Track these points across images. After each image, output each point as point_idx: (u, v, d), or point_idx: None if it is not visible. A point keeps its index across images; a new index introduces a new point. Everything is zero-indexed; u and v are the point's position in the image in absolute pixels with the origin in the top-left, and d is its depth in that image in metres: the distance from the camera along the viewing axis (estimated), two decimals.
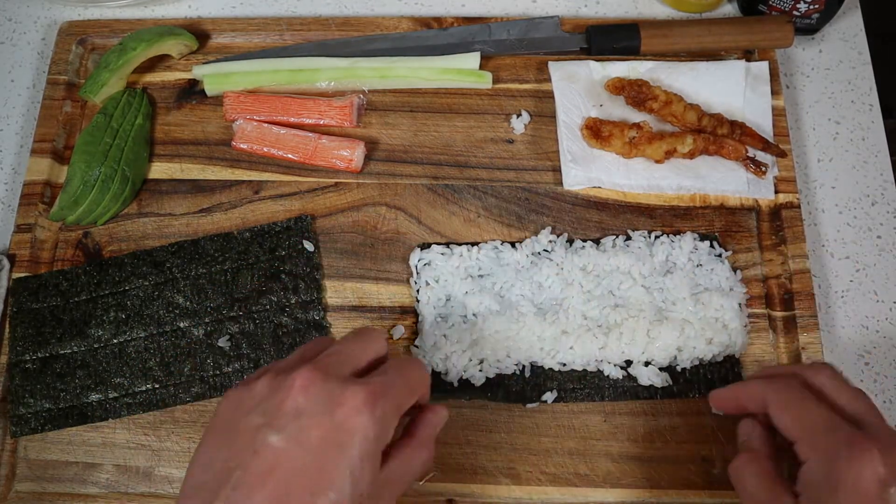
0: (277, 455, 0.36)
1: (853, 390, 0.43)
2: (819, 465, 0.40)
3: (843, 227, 0.60)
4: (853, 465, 0.38)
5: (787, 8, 0.63)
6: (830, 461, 0.39)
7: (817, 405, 0.42)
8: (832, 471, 0.39)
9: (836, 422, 0.41)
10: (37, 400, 0.54)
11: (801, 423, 0.42)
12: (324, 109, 0.62)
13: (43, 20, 0.70)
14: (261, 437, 0.37)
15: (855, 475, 0.38)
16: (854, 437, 0.39)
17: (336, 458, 0.36)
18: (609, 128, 0.59)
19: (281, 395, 0.38)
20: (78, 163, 0.59)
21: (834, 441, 0.40)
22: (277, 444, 0.36)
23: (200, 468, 0.38)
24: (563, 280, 0.55)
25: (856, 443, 0.39)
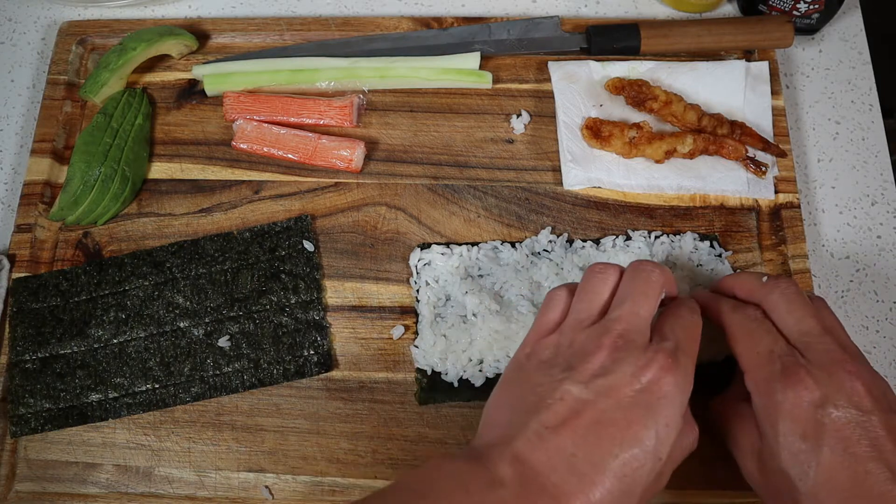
0: (584, 404, 0.39)
1: (801, 309, 0.43)
2: (760, 399, 0.42)
3: (843, 227, 0.60)
4: (787, 394, 0.40)
5: (787, 8, 0.63)
6: (769, 394, 0.41)
7: (766, 336, 0.43)
8: (772, 402, 0.40)
9: (776, 352, 0.42)
10: (37, 400, 0.54)
11: (748, 354, 0.43)
12: (324, 109, 0.62)
13: (43, 20, 0.70)
14: (565, 387, 0.39)
15: (790, 404, 0.39)
16: (788, 368, 0.40)
17: (644, 417, 0.38)
18: (609, 128, 0.59)
19: (584, 356, 0.41)
20: (78, 163, 0.59)
21: (771, 372, 0.41)
22: (583, 395, 0.39)
23: (501, 409, 0.42)
24: (562, 280, 0.55)
25: (789, 372, 0.40)
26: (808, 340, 0.42)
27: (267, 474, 0.52)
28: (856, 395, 0.39)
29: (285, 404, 0.54)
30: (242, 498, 0.52)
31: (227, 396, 0.54)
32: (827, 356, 0.41)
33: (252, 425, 0.53)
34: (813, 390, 0.39)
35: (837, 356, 0.41)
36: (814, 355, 0.41)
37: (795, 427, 0.39)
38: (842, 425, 0.38)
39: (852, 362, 0.40)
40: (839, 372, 0.40)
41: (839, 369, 0.40)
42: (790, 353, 0.41)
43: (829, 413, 0.39)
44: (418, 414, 0.53)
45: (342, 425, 0.53)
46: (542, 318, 0.45)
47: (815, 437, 0.39)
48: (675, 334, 0.42)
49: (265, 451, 0.53)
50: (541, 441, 0.38)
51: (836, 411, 0.39)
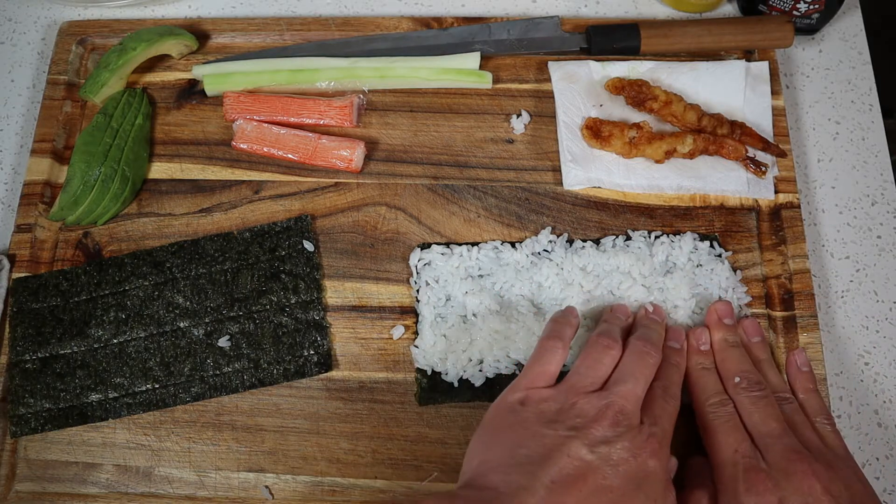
0: (589, 466, 0.41)
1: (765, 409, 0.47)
2: (724, 497, 0.44)
3: (843, 227, 0.60)
4: (749, 498, 0.42)
5: (787, 8, 0.63)
6: (733, 495, 0.43)
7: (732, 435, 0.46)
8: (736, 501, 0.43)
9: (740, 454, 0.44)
10: (37, 400, 0.54)
11: (713, 453, 0.46)
12: (324, 109, 0.62)
13: (43, 20, 0.70)
14: (572, 446, 0.42)
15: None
16: (748, 472, 0.43)
17: (636, 490, 0.42)
18: (609, 128, 0.59)
19: (588, 421, 0.43)
20: (78, 163, 0.59)
21: (733, 474, 0.44)
22: (588, 457, 0.42)
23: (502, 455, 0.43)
24: (563, 280, 0.55)
25: (748, 477, 0.43)
26: (769, 441, 0.45)
27: (267, 474, 0.52)
28: (812, 494, 0.41)
29: (285, 404, 0.54)
30: (242, 498, 0.52)
31: (227, 396, 0.54)
32: (784, 456, 0.43)
33: (252, 425, 0.53)
34: (770, 493, 0.42)
35: (795, 456, 0.43)
36: (772, 456, 0.44)
37: None
38: None
39: (808, 461, 0.43)
40: (796, 472, 0.42)
41: (797, 470, 0.42)
42: (752, 454, 0.44)
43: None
44: (418, 414, 0.53)
45: (342, 425, 0.53)
46: (536, 368, 0.47)
47: None
48: (661, 421, 0.45)
49: (265, 451, 0.53)
50: (549, 496, 0.40)
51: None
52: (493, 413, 0.47)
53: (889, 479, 0.53)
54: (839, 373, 0.56)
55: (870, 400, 0.55)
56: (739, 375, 0.49)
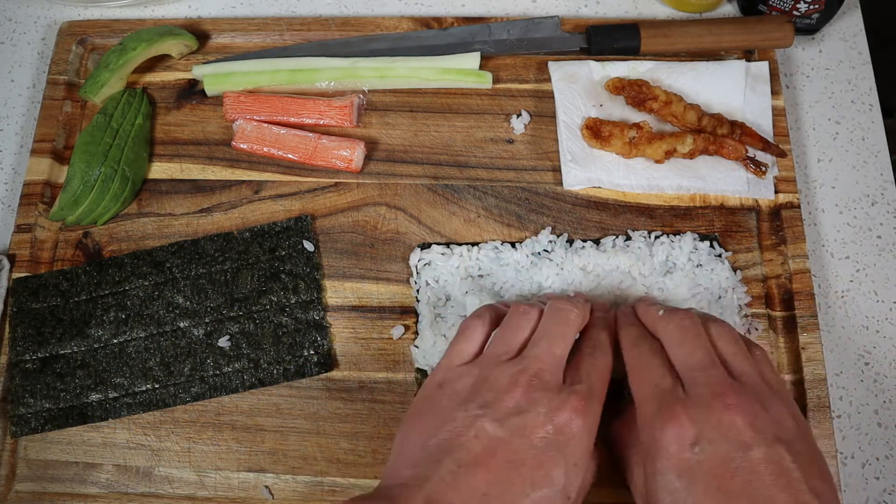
0: (498, 443, 0.39)
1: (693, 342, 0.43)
2: (643, 434, 0.42)
3: (843, 227, 0.60)
4: (665, 432, 0.39)
5: (787, 8, 0.63)
6: (650, 430, 0.41)
7: (653, 371, 0.43)
8: (651, 439, 0.40)
9: (660, 389, 0.41)
10: (37, 400, 0.54)
11: (636, 391, 0.43)
12: (324, 109, 0.62)
13: (43, 20, 0.70)
14: (480, 425, 0.40)
15: (666, 441, 0.39)
16: (666, 405, 0.40)
17: (555, 458, 0.39)
18: (609, 128, 0.59)
19: (499, 394, 0.41)
20: (78, 163, 0.59)
21: (652, 409, 0.41)
22: (498, 433, 0.40)
23: (415, 447, 0.41)
24: (563, 280, 0.55)
25: (665, 409, 0.40)
26: (694, 374, 0.41)
27: (267, 474, 0.52)
28: (732, 429, 0.38)
29: (285, 404, 0.54)
30: (242, 498, 0.52)
31: (227, 396, 0.54)
32: (708, 390, 0.40)
33: (252, 425, 0.53)
34: (687, 427, 0.39)
35: (719, 389, 0.40)
36: (696, 389, 0.40)
37: (671, 465, 0.38)
38: (715, 462, 0.37)
39: (733, 394, 0.39)
40: (718, 406, 0.39)
41: (718, 403, 0.39)
42: (672, 388, 0.41)
43: (704, 449, 0.38)
44: None
45: (342, 425, 0.53)
46: (456, 347, 0.46)
47: (689, 475, 0.38)
48: (588, 378, 0.43)
49: (265, 451, 0.53)
50: (455, 480, 0.38)
51: (710, 447, 0.38)
52: (415, 401, 0.45)
53: (889, 479, 0.53)
54: (839, 373, 0.56)
55: (870, 400, 0.55)
56: (664, 309, 0.46)
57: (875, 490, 0.52)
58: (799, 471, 0.37)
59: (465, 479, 0.38)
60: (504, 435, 0.40)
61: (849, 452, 0.53)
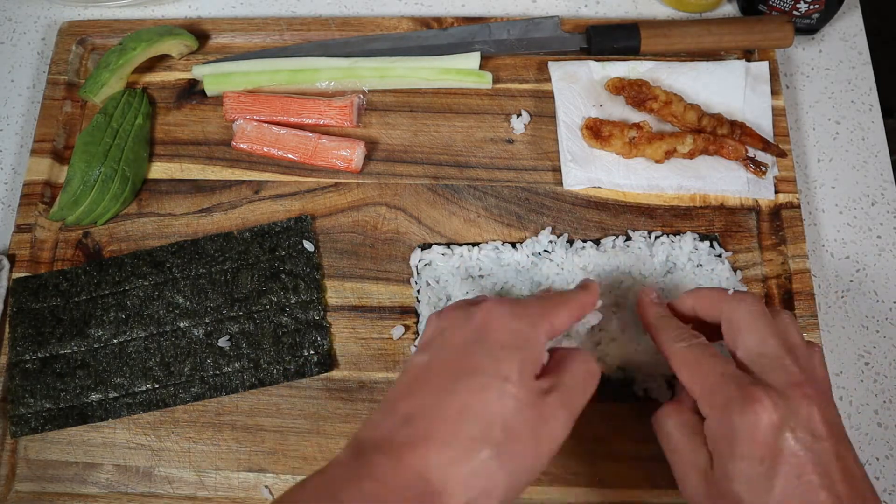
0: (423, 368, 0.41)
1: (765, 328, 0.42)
2: (716, 420, 0.40)
3: (843, 227, 0.60)
4: (746, 416, 0.39)
5: (787, 8, 0.63)
6: (726, 415, 0.39)
7: (714, 360, 0.42)
8: (728, 424, 0.39)
9: (729, 375, 0.41)
10: (37, 400, 0.54)
11: (699, 380, 0.42)
12: (324, 109, 0.62)
13: (43, 20, 0.70)
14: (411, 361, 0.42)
15: (749, 425, 0.38)
16: (745, 388, 0.39)
17: (476, 346, 0.40)
18: (609, 128, 0.59)
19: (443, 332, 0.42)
20: (78, 163, 0.59)
21: (727, 395, 0.40)
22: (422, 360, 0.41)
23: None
24: (563, 281, 0.55)
25: (747, 394, 0.39)
26: (765, 362, 0.41)
27: (267, 474, 0.52)
28: (812, 420, 0.38)
29: (285, 404, 0.54)
30: (242, 498, 0.52)
31: (227, 396, 0.54)
32: (784, 378, 0.40)
33: (252, 425, 0.53)
34: (771, 412, 0.38)
35: (795, 378, 0.40)
36: (771, 377, 0.40)
37: (753, 449, 0.38)
38: (797, 451, 0.37)
39: (809, 385, 0.39)
40: (796, 395, 0.39)
41: (796, 392, 0.39)
42: (744, 374, 0.41)
43: (787, 437, 0.38)
44: None
45: (342, 425, 0.53)
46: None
47: (772, 461, 0.38)
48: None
49: (265, 451, 0.53)
50: (383, 417, 0.39)
51: (793, 435, 0.38)
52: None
53: (889, 479, 0.53)
54: (839, 373, 0.56)
55: (870, 400, 0.55)
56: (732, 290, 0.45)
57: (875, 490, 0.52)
58: (860, 471, 0.39)
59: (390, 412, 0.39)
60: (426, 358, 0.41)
61: None
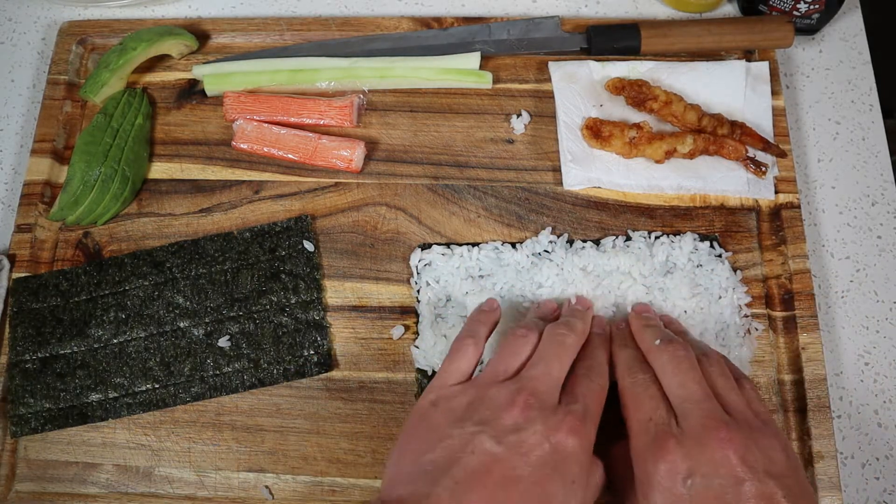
0: (495, 459, 0.39)
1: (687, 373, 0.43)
2: (637, 467, 0.42)
3: (843, 227, 0.60)
4: (658, 465, 0.40)
5: (787, 8, 0.63)
6: (642, 461, 0.41)
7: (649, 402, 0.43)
8: (644, 470, 0.41)
9: (653, 421, 0.42)
10: (37, 400, 0.54)
11: (630, 423, 0.44)
12: (324, 109, 0.62)
13: (43, 20, 0.70)
14: (478, 441, 0.40)
15: (660, 474, 0.40)
16: (659, 438, 0.41)
17: (552, 475, 0.40)
18: (609, 128, 0.59)
19: (497, 411, 0.42)
20: (78, 163, 0.59)
21: (646, 441, 0.42)
22: (495, 450, 0.40)
23: (410, 465, 0.41)
24: (563, 281, 0.55)
25: (659, 444, 0.41)
26: (687, 406, 0.42)
27: (267, 474, 0.52)
28: (725, 464, 0.38)
29: (285, 404, 0.54)
30: (242, 498, 0.52)
31: (227, 396, 0.54)
32: (701, 423, 0.40)
33: (252, 425, 0.53)
34: (680, 462, 0.39)
35: (712, 423, 0.40)
36: (689, 422, 0.41)
37: (663, 499, 0.39)
38: (708, 497, 0.38)
39: (726, 429, 0.40)
40: (711, 441, 0.39)
41: (711, 438, 0.39)
42: (666, 421, 0.42)
43: (696, 484, 0.38)
44: None
45: (342, 425, 0.53)
46: (450, 367, 0.46)
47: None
48: (584, 399, 0.43)
49: (265, 451, 0.53)
50: (452, 497, 0.38)
51: (703, 481, 0.38)
52: (409, 420, 0.45)
53: (889, 479, 0.53)
54: (839, 373, 0.56)
55: (870, 400, 0.55)
56: (660, 338, 0.46)
57: (875, 490, 0.52)
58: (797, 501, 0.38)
59: (463, 494, 0.38)
60: (501, 452, 0.40)
61: (849, 452, 0.53)
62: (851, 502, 0.52)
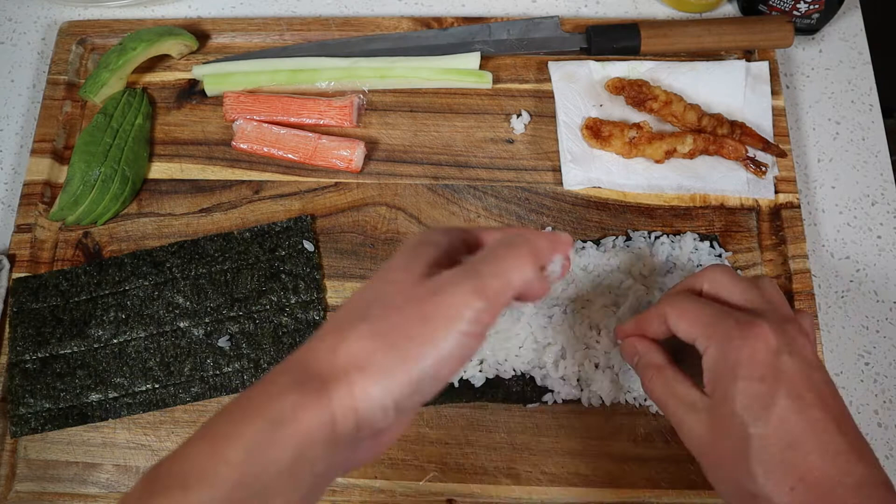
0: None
1: (746, 283, 0.45)
2: (717, 350, 0.42)
3: (843, 227, 0.60)
4: (746, 342, 0.41)
5: (787, 8, 0.63)
6: (726, 344, 0.41)
7: (709, 304, 0.44)
8: (729, 352, 0.41)
9: (726, 312, 0.43)
10: (37, 400, 0.54)
11: (697, 322, 0.43)
12: (324, 109, 0.62)
13: (43, 20, 0.70)
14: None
15: (749, 350, 0.40)
16: (745, 321, 0.42)
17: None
18: (609, 128, 0.59)
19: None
20: (78, 163, 0.59)
21: (726, 327, 0.42)
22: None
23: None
24: (563, 280, 0.55)
25: (745, 322, 0.41)
26: (757, 304, 0.43)
27: None
28: (805, 349, 0.41)
29: None
30: None
31: (227, 396, 0.54)
32: (778, 315, 0.42)
33: None
34: (770, 338, 0.41)
35: (788, 316, 0.43)
36: (765, 315, 0.42)
37: (755, 370, 0.40)
38: (795, 373, 0.40)
39: (797, 322, 0.42)
40: (791, 329, 0.42)
41: (791, 326, 0.42)
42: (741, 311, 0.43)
43: (785, 360, 0.40)
44: (418, 414, 0.53)
45: None
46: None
47: (773, 378, 0.40)
48: None
49: None
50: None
51: (791, 359, 0.40)
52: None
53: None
54: (839, 373, 0.56)
55: (870, 400, 0.55)
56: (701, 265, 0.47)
57: None
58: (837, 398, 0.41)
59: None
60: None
61: None
62: None
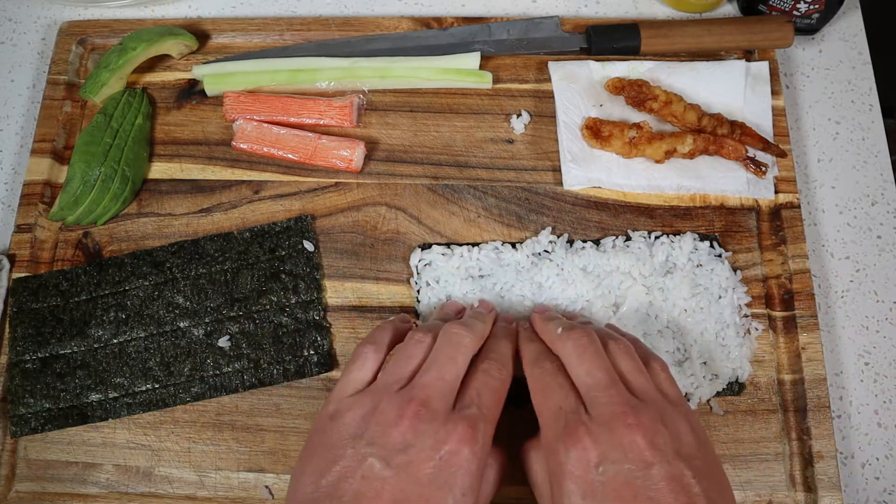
0: (384, 483, 0.39)
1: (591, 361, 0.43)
2: (548, 458, 0.42)
3: (843, 227, 0.60)
4: (569, 454, 0.40)
5: (787, 8, 0.63)
6: (554, 452, 0.41)
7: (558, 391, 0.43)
8: (556, 461, 0.41)
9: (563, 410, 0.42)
10: (37, 400, 0.54)
11: (540, 413, 0.43)
12: (324, 109, 0.62)
13: (43, 20, 0.70)
14: (367, 465, 0.40)
15: (571, 464, 0.39)
16: (569, 426, 0.40)
17: (441, 491, 0.39)
18: (609, 128, 0.59)
19: (386, 427, 0.41)
20: (78, 163, 0.59)
21: (557, 431, 0.41)
22: (384, 474, 0.39)
23: (307, 486, 0.40)
24: (563, 281, 0.55)
25: (569, 432, 0.40)
26: (594, 394, 0.42)
27: (267, 474, 0.52)
28: (634, 449, 0.39)
29: (285, 404, 0.54)
30: (242, 498, 0.52)
31: (227, 396, 0.54)
32: (609, 410, 0.40)
33: (252, 425, 0.53)
34: (590, 449, 0.39)
35: (619, 409, 0.40)
36: (597, 410, 0.41)
37: (576, 487, 0.39)
38: (619, 483, 0.38)
39: (633, 414, 0.40)
40: (618, 427, 0.39)
41: (619, 424, 0.39)
42: (575, 409, 0.41)
43: (607, 470, 0.38)
44: None
45: None
46: (349, 376, 0.45)
47: (593, 496, 0.38)
48: (480, 399, 0.43)
49: (265, 451, 0.53)
50: None
51: (613, 467, 0.38)
52: (310, 432, 0.44)
53: (889, 479, 0.53)
54: (839, 373, 0.56)
55: (870, 400, 0.55)
56: (562, 326, 0.46)
57: (875, 490, 0.52)
58: (699, 485, 0.38)
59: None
60: (390, 474, 0.39)
61: (849, 452, 0.53)
62: (851, 502, 0.52)
